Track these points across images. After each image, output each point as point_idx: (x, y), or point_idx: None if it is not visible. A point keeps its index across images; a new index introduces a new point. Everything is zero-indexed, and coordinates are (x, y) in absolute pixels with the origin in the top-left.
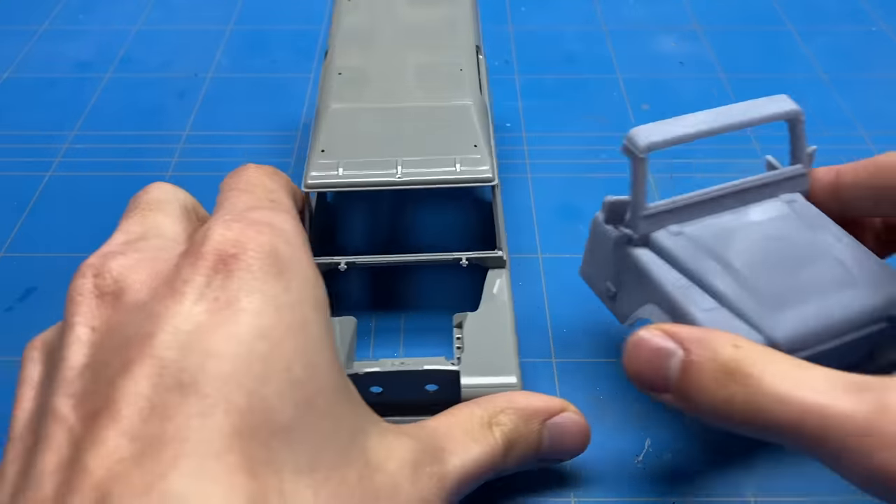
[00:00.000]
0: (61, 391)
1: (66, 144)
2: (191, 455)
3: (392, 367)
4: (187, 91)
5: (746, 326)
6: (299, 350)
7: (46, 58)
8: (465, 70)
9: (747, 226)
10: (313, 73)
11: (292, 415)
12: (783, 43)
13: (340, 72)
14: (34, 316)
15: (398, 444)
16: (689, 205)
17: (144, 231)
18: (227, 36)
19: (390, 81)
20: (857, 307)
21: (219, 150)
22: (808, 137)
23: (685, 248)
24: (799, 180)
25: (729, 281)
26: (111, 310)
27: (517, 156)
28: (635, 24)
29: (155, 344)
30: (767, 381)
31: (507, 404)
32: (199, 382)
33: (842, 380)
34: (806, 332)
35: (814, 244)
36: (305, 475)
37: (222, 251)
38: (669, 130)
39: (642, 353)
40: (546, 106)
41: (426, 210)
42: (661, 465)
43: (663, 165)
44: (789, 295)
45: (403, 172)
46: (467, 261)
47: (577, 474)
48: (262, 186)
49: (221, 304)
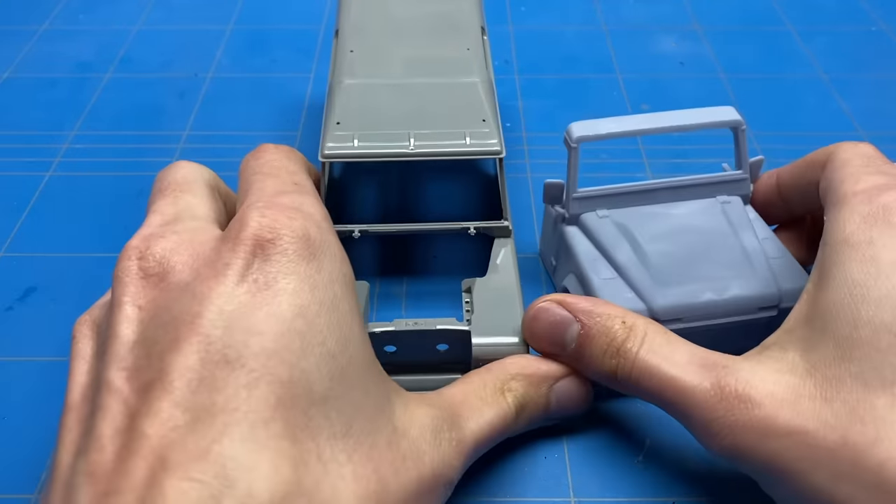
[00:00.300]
0: (114, 365)
1: (66, 144)
2: (240, 423)
3: (406, 326)
4: (187, 91)
5: (633, 295)
6: (333, 325)
7: (46, 58)
8: (472, 49)
9: (669, 216)
10: (313, 73)
11: (328, 385)
12: (783, 43)
13: (352, 49)
14: (34, 316)
15: (420, 412)
16: (622, 193)
17: (178, 212)
18: (227, 36)
19: (400, 59)
20: (741, 293)
21: (219, 150)
22: (808, 137)
23: (606, 228)
24: (740, 184)
25: (631, 256)
26: (157, 290)
27: (517, 156)
28: (635, 24)
29: (202, 322)
30: (641, 355)
31: (518, 370)
32: (244, 357)
33: (698, 356)
34: (682, 306)
35: (726, 238)
36: (340, 440)
37: (260, 236)
38: (600, 127)
39: (542, 323)
40: (546, 106)
41: (435, 182)
42: (661, 465)
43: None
44: (680, 275)
45: (416, 145)
46: (475, 230)
47: (578, 474)
48: (284, 169)
49: (261, 286)
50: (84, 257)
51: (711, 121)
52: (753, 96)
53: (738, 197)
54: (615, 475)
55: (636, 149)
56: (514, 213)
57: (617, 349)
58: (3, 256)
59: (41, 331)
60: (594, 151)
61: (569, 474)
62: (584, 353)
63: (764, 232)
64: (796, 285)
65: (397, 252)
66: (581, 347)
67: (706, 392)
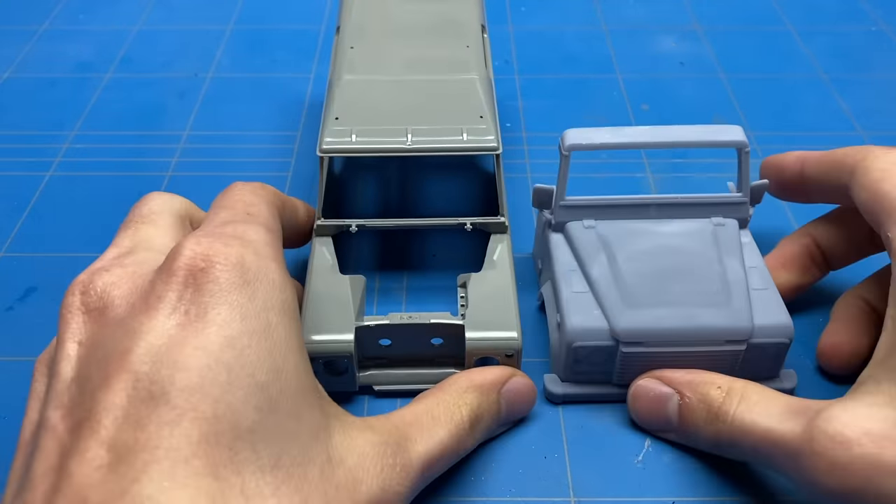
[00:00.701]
0: (52, 403)
1: (66, 144)
2: (161, 461)
3: (400, 320)
4: (187, 91)
5: (600, 313)
6: (263, 355)
7: (46, 58)
8: (471, 47)
9: (655, 234)
10: (313, 73)
11: (255, 418)
12: (783, 43)
13: (352, 46)
14: (34, 316)
15: (361, 440)
16: (612, 206)
17: (134, 245)
18: (227, 36)
19: (400, 56)
20: (709, 324)
21: (219, 150)
22: (808, 137)
23: (588, 239)
24: (738, 207)
25: (605, 272)
26: (96, 325)
27: (517, 156)
28: (635, 24)
29: (131, 358)
30: (738, 415)
31: (468, 383)
32: (169, 394)
33: (792, 405)
34: (645, 330)
35: (707, 263)
36: (268, 473)
37: (192, 266)
38: (593, 137)
39: (643, 400)
40: (546, 106)
41: (435, 179)
42: (661, 465)
43: None
44: (650, 297)
45: (413, 140)
46: (471, 226)
47: (578, 474)
48: (242, 202)
49: (192, 317)
50: (84, 257)
51: (714, 140)
52: (753, 96)
53: (734, 220)
54: (615, 475)
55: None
56: (514, 212)
57: (716, 414)
58: (3, 256)
59: (41, 331)
60: (594, 152)
61: (569, 474)
62: (687, 424)
63: (753, 260)
64: (773, 321)
65: (395, 247)
66: (683, 419)
67: (799, 437)
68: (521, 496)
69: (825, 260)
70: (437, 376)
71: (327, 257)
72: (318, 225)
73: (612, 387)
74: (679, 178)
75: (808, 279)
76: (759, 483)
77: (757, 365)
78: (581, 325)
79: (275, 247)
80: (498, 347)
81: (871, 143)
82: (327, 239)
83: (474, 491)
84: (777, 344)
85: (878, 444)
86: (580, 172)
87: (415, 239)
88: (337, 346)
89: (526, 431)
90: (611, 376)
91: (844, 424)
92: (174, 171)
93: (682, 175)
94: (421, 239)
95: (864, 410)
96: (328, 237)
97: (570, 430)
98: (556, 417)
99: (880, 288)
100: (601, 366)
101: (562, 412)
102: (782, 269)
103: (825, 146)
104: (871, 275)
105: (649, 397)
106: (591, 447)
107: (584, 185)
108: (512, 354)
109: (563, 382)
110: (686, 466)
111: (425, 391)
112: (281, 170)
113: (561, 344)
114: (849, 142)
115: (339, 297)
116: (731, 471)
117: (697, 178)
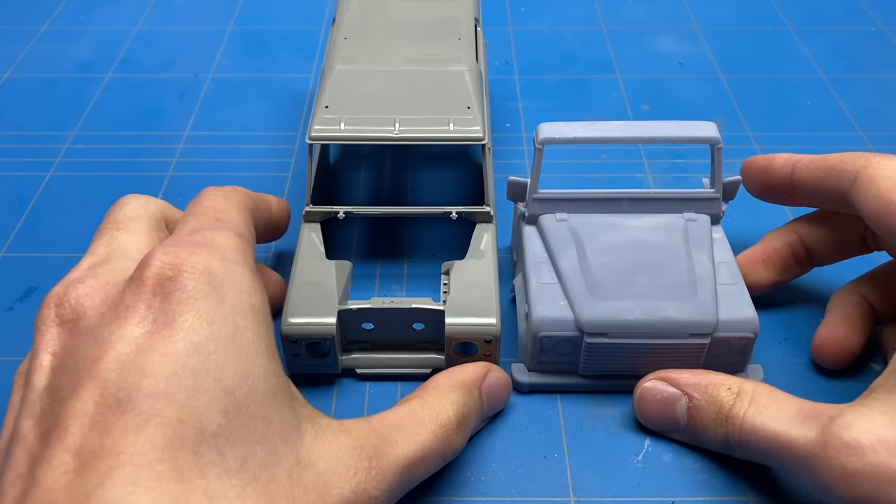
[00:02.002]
0: (25, 413)
1: (66, 144)
2: (125, 465)
3: (382, 304)
4: (187, 91)
5: (566, 304)
6: (230, 360)
7: (47, 58)
8: (462, 39)
9: (625, 228)
10: (313, 73)
11: (221, 422)
12: (783, 43)
13: (346, 37)
14: (34, 316)
15: (335, 444)
16: (585, 199)
17: (109, 253)
18: (227, 36)
19: (392, 47)
20: (674, 316)
21: (219, 150)
22: (808, 137)
23: (560, 232)
24: (711, 203)
25: (574, 264)
26: (69, 336)
27: (517, 156)
28: (635, 24)
29: (100, 367)
30: (748, 417)
31: (450, 383)
32: (135, 400)
33: (805, 409)
34: (609, 321)
35: (677, 258)
36: (233, 475)
37: (160, 275)
38: (567, 131)
39: (650, 402)
40: (546, 106)
41: (424, 169)
42: (661, 465)
43: None
44: (617, 290)
45: (401, 129)
46: (457, 214)
47: (577, 474)
48: (212, 207)
49: (160, 325)
50: None
51: (687, 135)
52: (753, 96)
53: (706, 216)
54: (615, 475)
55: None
56: (509, 210)
57: (726, 416)
58: (4, 256)
59: None
60: (594, 152)
61: (569, 474)
62: (696, 425)
63: (724, 255)
64: (738, 316)
65: (383, 235)
66: (692, 420)
67: (812, 443)
68: (520, 496)
69: (809, 258)
70: (419, 361)
71: (315, 242)
72: (307, 211)
73: (578, 377)
74: (680, 178)
75: (788, 276)
76: (758, 483)
77: (722, 359)
78: (547, 315)
79: (244, 251)
80: (477, 333)
81: (871, 143)
82: (315, 225)
83: (474, 491)
84: (741, 338)
85: (891, 451)
86: (580, 173)
87: (402, 227)
88: (319, 329)
89: (526, 431)
90: (576, 367)
91: (860, 432)
92: (174, 171)
93: (682, 175)
94: (408, 227)
95: (878, 418)
96: (316, 223)
97: (570, 431)
98: (556, 417)
99: (878, 285)
100: (567, 356)
101: (562, 412)
102: (765, 263)
103: (825, 146)
104: (869, 271)
105: (657, 399)
106: (591, 447)
107: (581, 182)
108: (491, 340)
109: (529, 372)
110: (686, 466)
111: (408, 395)
112: (281, 170)
113: (528, 333)
114: (849, 142)
115: (324, 281)
116: (731, 471)
117: (695, 179)
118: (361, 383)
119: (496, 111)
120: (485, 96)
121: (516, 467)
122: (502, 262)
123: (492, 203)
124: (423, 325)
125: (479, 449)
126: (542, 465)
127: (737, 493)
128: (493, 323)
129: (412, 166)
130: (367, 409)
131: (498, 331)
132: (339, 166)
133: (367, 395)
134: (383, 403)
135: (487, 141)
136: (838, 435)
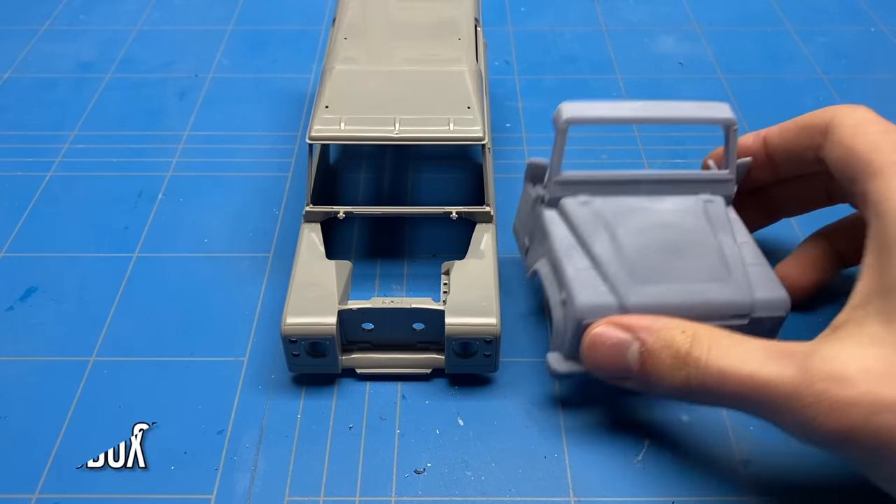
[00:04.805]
0: None
1: (66, 144)
2: None
3: (382, 304)
4: (187, 91)
5: (607, 288)
6: None
7: (47, 58)
8: (462, 39)
9: (650, 210)
10: (314, 74)
11: None
12: (783, 43)
13: (346, 37)
14: (34, 316)
15: None
16: (605, 181)
17: None
18: (227, 36)
19: (392, 47)
20: (716, 298)
21: (219, 150)
22: None
23: (585, 215)
24: (725, 185)
25: (608, 249)
26: None
27: (517, 156)
28: (635, 24)
29: None
30: (712, 361)
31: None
32: None
33: (772, 349)
34: (655, 305)
35: (705, 240)
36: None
37: None
38: (592, 110)
39: (601, 348)
40: (546, 106)
41: (424, 169)
42: (661, 465)
43: None
44: (655, 273)
45: (401, 129)
46: (457, 214)
47: (577, 474)
48: None
49: None
50: (84, 257)
51: (705, 116)
52: (753, 96)
53: (721, 197)
54: (615, 475)
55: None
56: (509, 210)
57: (684, 359)
58: (4, 256)
59: (41, 331)
60: (595, 152)
61: (569, 474)
62: (649, 371)
63: (743, 236)
64: (770, 295)
65: (383, 234)
66: (645, 366)
67: (792, 380)
68: (520, 496)
69: (841, 262)
70: (419, 361)
71: (315, 242)
72: (307, 211)
73: None
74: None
75: (824, 281)
76: (758, 483)
77: None
78: (590, 301)
79: None
80: (477, 333)
81: None
82: (315, 225)
83: (474, 491)
84: (775, 318)
85: (876, 380)
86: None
87: (402, 227)
88: (319, 329)
89: (526, 431)
90: None
91: (844, 363)
92: (174, 171)
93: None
94: (408, 227)
95: (854, 350)
96: (316, 223)
97: (570, 430)
98: (557, 417)
99: (846, 230)
100: None
101: (562, 412)
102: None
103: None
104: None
105: (607, 346)
106: (591, 447)
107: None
108: (491, 340)
109: (566, 360)
110: (686, 466)
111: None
112: (281, 170)
113: (567, 321)
114: None
115: (324, 280)
116: (731, 471)
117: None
118: (361, 383)
119: (496, 111)
120: (485, 96)
121: (516, 467)
122: (502, 262)
123: (492, 203)
124: (423, 325)
125: (479, 449)
126: (542, 465)
127: (737, 494)
128: (493, 323)
129: (412, 166)
130: (368, 409)
131: (498, 331)
132: (339, 166)
133: (367, 395)
134: (383, 403)
135: (487, 141)
136: (821, 368)
